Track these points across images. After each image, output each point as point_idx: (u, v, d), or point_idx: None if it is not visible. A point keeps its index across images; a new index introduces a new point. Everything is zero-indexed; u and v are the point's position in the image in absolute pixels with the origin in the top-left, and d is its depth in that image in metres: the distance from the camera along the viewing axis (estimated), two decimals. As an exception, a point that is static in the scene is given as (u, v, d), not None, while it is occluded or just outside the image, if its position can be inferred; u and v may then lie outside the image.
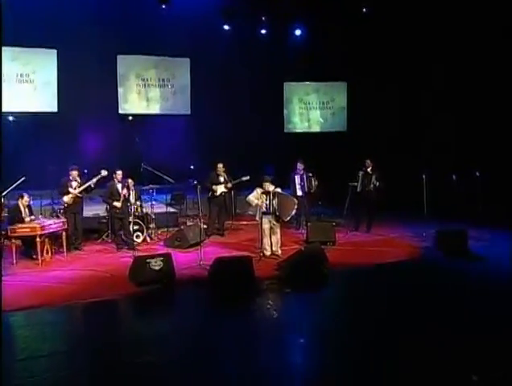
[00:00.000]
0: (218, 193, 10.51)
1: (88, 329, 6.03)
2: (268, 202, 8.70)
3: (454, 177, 10.43)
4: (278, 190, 8.85)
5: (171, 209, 11.29)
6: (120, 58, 14.06)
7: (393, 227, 11.08)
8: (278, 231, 8.95)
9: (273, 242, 8.86)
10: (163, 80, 14.84)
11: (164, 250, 8.81)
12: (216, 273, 7.17)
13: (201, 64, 14.12)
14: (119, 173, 9.55)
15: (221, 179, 10.52)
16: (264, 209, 8.73)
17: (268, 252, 8.84)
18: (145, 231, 10.03)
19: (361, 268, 8.12)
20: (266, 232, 8.85)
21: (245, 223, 11.59)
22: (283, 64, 14.44)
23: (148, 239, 10.12)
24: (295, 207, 8.88)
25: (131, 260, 7.59)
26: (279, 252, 8.94)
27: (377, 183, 10.45)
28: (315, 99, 15.86)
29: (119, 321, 6.33)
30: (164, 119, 14.44)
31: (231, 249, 9.03)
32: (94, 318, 6.31)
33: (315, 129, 15.93)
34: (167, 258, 7.46)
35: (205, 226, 10.11)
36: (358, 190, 10.64)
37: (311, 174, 11.07)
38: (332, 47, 14.04)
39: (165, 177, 10.95)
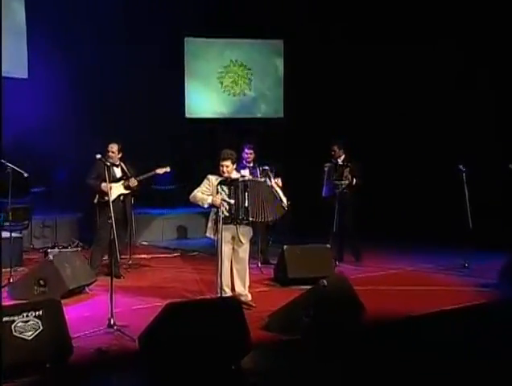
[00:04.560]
0: (113, 197, 8.58)
1: None
2: (234, 199, 7.11)
3: (512, 167, 9.68)
4: (248, 175, 7.81)
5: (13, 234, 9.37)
6: None
7: (402, 255, 10.61)
8: (246, 257, 7.44)
9: (236, 278, 7.38)
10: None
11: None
12: (164, 343, 5.25)
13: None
14: None
15: (117, 173, 8.91)
16: (226, 213, 7.06)
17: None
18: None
19: (416, 320, 6.92)
20: (227, 258, 7.25)
21: (144, 256, 10.53)
22: (184, 8, 13.50)
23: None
24: (285, 206, 7.49)
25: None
26: (249, 297, 7.37)
27: (354, 181, 9.76)
28: (235, 66, 14.70)
29: None
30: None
31: (148, 297, 7.88)
32: None
33: (233, 113, 14.85)
34: (51, 310, 5.43)
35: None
36: (324, 194, 10.05)
37: (267, 168, 9.43)
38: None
39: (9, 165, 8.38)
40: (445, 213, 9.96)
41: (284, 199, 7.55)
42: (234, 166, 7.34)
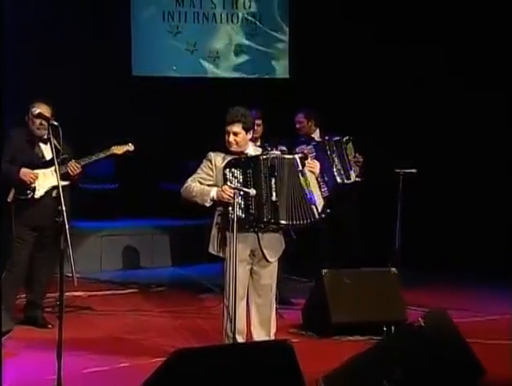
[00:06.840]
0: (42, 192, 8.95)
1: None
2: (254, 188, 7.16)
3: None
4: (276, 152, 7.72)
5: None
6: None
7: (497, 294, 11.05)
8: (273, 284, 7.63)
9: (254, 318, 7.54)
10: None
11: None
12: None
13: None
14: None
15: (47, 152, 9.08)
16: (240, 213, 7.10)
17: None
18: None
19: None
20: (242, 287, 7.34)
21: (78, 294, 10.66)
22: None
23: None
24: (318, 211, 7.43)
25: None
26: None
27: (356, 171, 10.72)
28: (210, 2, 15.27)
29: None
30: None
31: (105, 355, 8.23)
32: None
33: (214, 71, 15.40)
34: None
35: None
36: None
37: (284, 148, 9.24)
38: None
39: None
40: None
41: (319, 202, 7.47)
42: (249, 136, 7.30)
